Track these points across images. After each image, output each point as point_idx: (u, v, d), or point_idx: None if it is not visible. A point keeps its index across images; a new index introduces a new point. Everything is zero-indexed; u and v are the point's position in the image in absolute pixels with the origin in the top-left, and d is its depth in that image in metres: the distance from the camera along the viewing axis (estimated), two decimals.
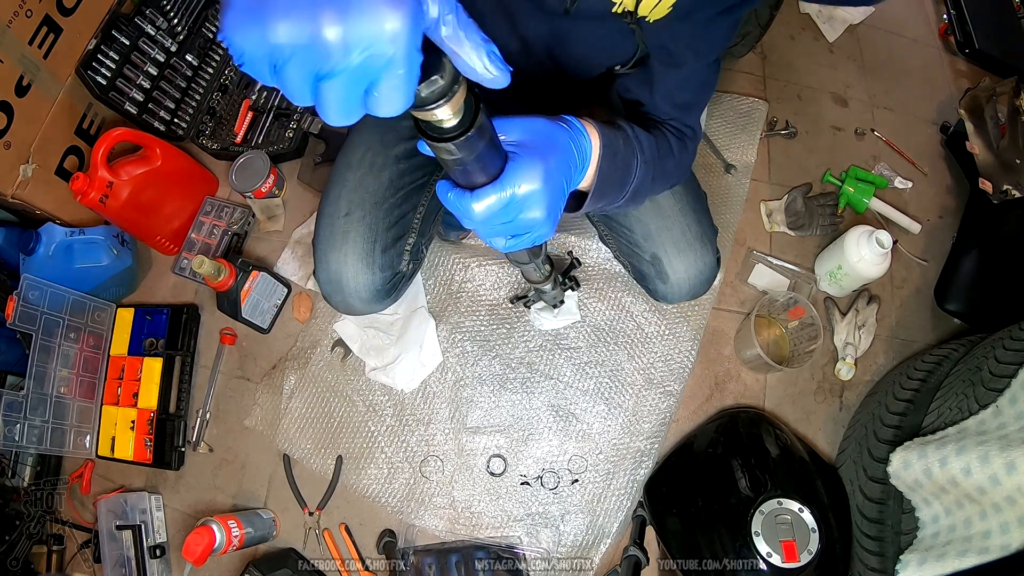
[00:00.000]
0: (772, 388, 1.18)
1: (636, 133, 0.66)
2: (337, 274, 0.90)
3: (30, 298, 1.09)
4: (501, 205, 0.46)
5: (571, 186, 0.56)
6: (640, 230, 0.94)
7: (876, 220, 1.31)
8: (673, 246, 0.92)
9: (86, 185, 1.08)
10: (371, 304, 0.94)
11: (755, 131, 1.37)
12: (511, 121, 0.51)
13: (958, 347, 1.04)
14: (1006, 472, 0.73)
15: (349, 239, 0.90)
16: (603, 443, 1.12)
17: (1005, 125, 1.27)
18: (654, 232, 0.92)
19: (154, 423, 1.17)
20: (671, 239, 0.92)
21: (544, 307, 1.13)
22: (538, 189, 0.47)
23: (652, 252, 0.94)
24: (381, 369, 1.15)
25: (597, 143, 0.59)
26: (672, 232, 0.92)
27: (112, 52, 1.21)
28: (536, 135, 0.51)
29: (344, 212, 0.90)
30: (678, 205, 0.92)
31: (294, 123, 1.34)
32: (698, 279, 0.95)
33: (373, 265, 0.90)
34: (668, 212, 0.92)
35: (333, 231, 0.91)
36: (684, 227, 0.92)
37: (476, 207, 0.45)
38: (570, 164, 0.54)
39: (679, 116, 0.75)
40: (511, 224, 0.49)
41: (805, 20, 1.56)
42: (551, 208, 0.50)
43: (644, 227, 0.93)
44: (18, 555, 1.09)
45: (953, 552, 0.77)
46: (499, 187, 0.45)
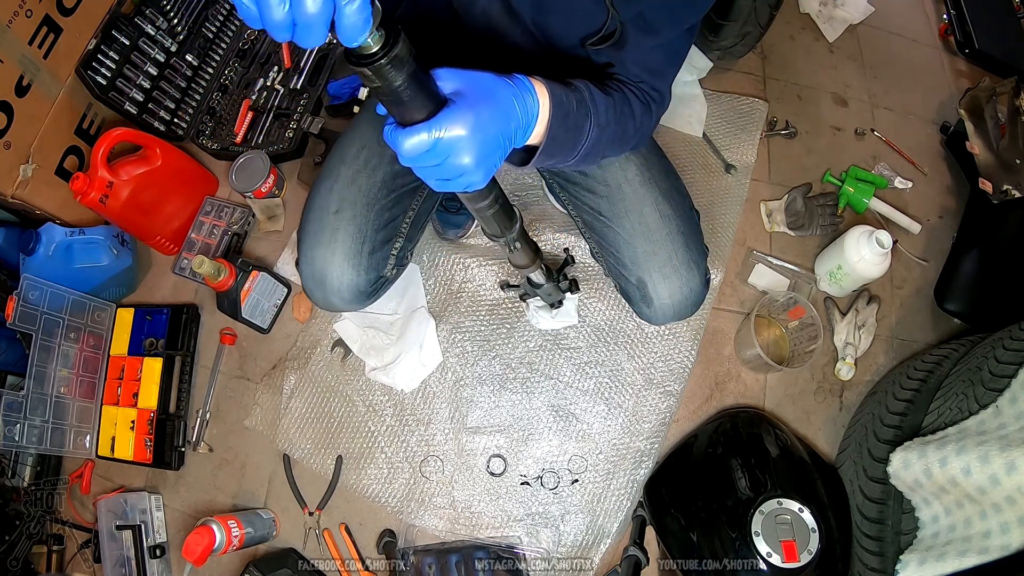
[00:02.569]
0: (772, 388, 1.18)
1: (593, 95, 0.66)
2: (322, 272, 0.90)
3: (30, 298, 1.09)
4: (428, 145, 0.49)
5: (513, 142, 0.57)
6: (628, 253, 0.93)
7: (876, 220, 1.31)
8: (659, 271, 0.92)
9: (86, 185, 1.07)
10: (352, 304, 0.94)
11: (755, 131, 1.37)
12: (454, 72, 0.53)
13: (958, 347, 1.04)
14: (1006, 472, 0.73)
15: (338, 238, 0.89)
16: (603, 443, 1.12)
17: (1005, 125, 1.27)
18: (640, 257, 0.92)
19: (154, 423, 1.17)
20: (657, 264, 0.92)
21: (543, 306, 1.13)
22: (466, 136, 0.50)
23: (638, 276, 0.93)
24: (381, 369, 1.15)
25: (547, 103, 0.60)
26: (659, 257, 0.91)
27: (112, 52, 1.21)
28: (476, 86, 0.53)
29: (335, 208, 0.90)
30: (666, 228, 0.91)
31: (294, 123, 1.34)
32: (683, 304, 0.94)
33: (360, 267, 0.90)
34: (656, 236, 0.91)
35: (322, 226, 0.90)
36: (671, 252, 0.91)
37: (405, 142, 0.49)
38: (509, 119, 0.55)
39: (649, 80, 0.75)
40: (440, 167, 0.52)
41: (805, 20, 1.56)
42: (482, 157, 0.52)
43: (631, 250, 0.92)
44: (18, 555, 1.09)
45: (953, 552, 0.77)
46: (426, 127, 0.49)
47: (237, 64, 1.44)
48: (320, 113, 1.38)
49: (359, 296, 0.93)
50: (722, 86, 1.43)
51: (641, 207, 0.91)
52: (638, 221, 0.91)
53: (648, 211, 0.91)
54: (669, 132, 1.35)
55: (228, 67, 1.44)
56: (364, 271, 0.91)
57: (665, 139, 1.35)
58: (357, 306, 0.96)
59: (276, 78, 1.41)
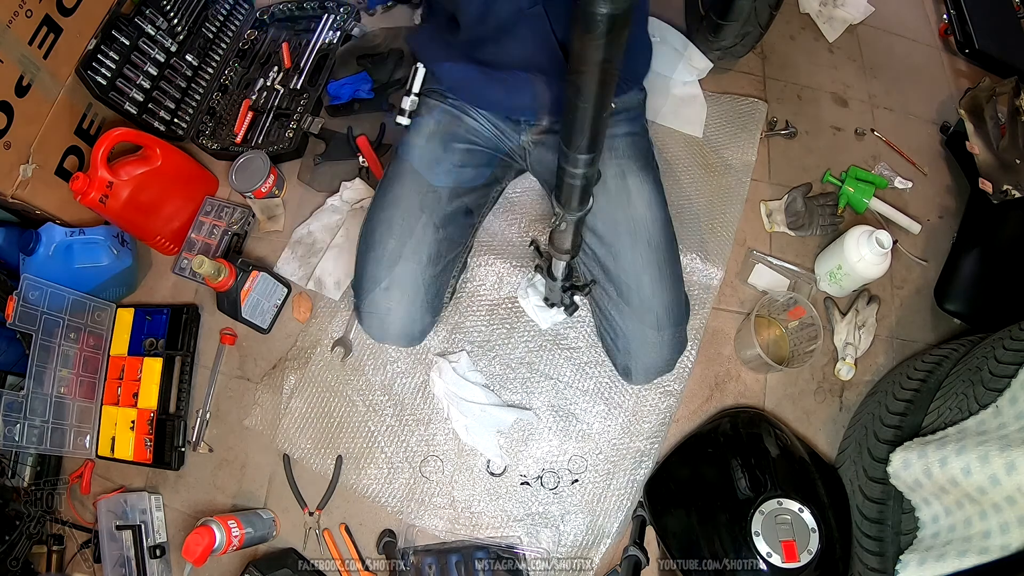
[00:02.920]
0: (772, 388, 1.18)
1: None
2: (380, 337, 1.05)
3: (30, 298, 1.09)
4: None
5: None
6: (622, 344, 1.01)
7: (876, 220, 1.31)
8: (643, 363, 1.01)
9: (86, 185, 1.08)
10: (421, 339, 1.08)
11: (755, 131, 1.37)
12: None
13: (958, 347, 1.04)
14: (1006, 472, 0.73)
15: (391, 316, 0.99)
16: (603, 443, 1.12)
17: (1005, 125, 1.27)
18: (634, 349, 1.00)
19: (154, 423, 1.17)
20: (647, 358, 1.00)
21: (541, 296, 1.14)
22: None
23: (624, 364, 1.03)
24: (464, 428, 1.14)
25: None
26: (651, 356, 1.00)
27: (112, 52, 1.21)
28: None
29: (385, 285, 0.98)
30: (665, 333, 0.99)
31: (294, 123, 1.34)
32: (657, 376, 1.05)
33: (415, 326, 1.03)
34: (651, 339, 0.99)
35: (374, 300, 1.00)
36: (660, 350, 1.00)
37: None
38: None
39: None
40: None
41: (805, 20, 1.56)
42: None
43: (626, 343, 1.01)
44: (18, 555, 1.09)
45: (953, 552, 0.77)
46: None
47: (237, 64, 1.44)
48: (320, 113, 1.38)
49: (425, 335, 1.07)
50: (722, 86, 1.43)
51: (645, 315, 0.99)
52: (639, 325, 1.00)
53: (649, 319, 0.98)
54: (669, 132, 1.35)
55: (228, 67, 1.44)
56: (424, 323, 1.03)
57: (665, 139, 1.35)
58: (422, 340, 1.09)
59: (276, 78, 1.41)
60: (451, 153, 1.04)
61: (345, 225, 1.27)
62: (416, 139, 1.04)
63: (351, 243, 1.26)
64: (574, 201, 0.70)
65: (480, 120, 1.08)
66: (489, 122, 1.08)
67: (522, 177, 1.27)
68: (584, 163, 0.63)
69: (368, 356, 1.19)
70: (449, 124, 1.05)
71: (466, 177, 1.05)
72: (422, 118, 1.06)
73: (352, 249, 1.24)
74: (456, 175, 1.04)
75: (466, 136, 1.06)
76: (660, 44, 1.43)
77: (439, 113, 1.06)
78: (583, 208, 0.73)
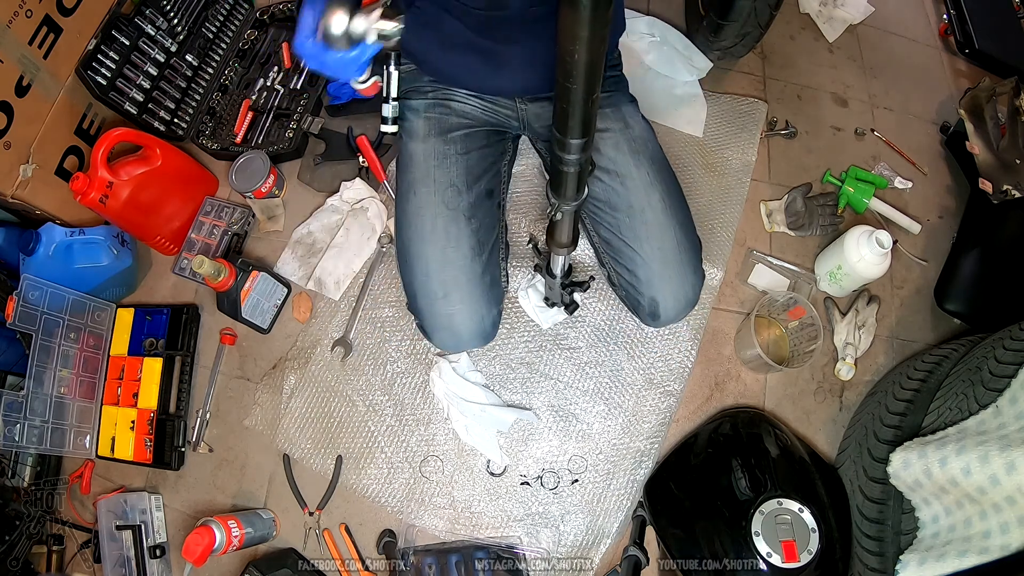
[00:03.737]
0: (772, 388, 1.18)
1: None
2: (455, 347, 1.04)
3: (30, 298, 1.09)
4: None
5: None
6: (644, 275, 1.00)
7: (876, 220, 1.31)
8: (672, 294, 0.99)
9: (86, 185, 1.08)
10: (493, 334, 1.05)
11: (755, 131, 1.37)
12: None
13: (958, 347, 1.04)
14: (1006, 472, 0.73)
15: (456, 321, 0.98)
16: (603, 443, 1.12)
17: (1005, 125, 1.27)
18: (656, 280, 0.99)
19: (154, 423, 1.17)
20: (671, 288, 0.99)
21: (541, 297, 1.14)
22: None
23: (651, 296, 1.00)
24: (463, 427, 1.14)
25: None
26: (673, 282, 1.00)
27: (112, 52, 1.21)
28: None
29: (442, 294, 0.97)
30: (681, 256, 0.98)
31: (294, 123, 1.34)
32: (683, 314, 1.03)
33: (484, 322, 1.00)
34: (672, 261, 0.98)
35: (434, 313, 0.99)
36: (683, 276, 0.99)
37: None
38: None
39: None
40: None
41: (805, 20, 1.56)
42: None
43: (648, 273, 1.00)
44: (18, 555, 1.09)
45: (953, 552, 0.77)
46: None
47: (237, 64, 1.44)
48: (320, 113, 1.38)
49: (496, 328, 1.04)
50: (722, 86, 1.43)
51: (662, 235, 0.98)
52: (658, 247, 0.98)
53: (668, 239, 0.98)
54: (669, 132, 1.35)
55: (228, 67, 1.44)
56: (491, 316, 1.01)
57: (665, 139, 1.35)
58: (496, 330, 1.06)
59: (276, 78, 1.41)
60: (452, 144, 1.03)
61: (345, 225, 1.27)
62: (414, 144, 1.03)
63: (351, 243, 1.26)
64: (569, 190, 0.70)
65: (467, 101, 1.06)
66: (477, 99, 1.07)
67: (519, 178, 1.27)
68: (577, 148, 0.63)
69: (368, 356, 1.19)
70: (439, 117, 1.04)
71: (474, 161, 1.04)
72: (410, 122, 1.05)
73: (352, 249, 1.25)
74: (465, 162, 1.03)
75: (459, 123, 1.05)
76: (660, 44, 1.43)
77: (426, 110, 1.05)
78: (579, 197, 0.72)
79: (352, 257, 1.25)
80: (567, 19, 0.48)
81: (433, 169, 1.01)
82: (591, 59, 0.51)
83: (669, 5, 1.51)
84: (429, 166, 1.01)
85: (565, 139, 0.62)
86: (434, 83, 1.06)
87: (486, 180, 1.05)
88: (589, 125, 0.60)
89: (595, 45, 0.50)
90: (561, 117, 0.59)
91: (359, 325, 1.21)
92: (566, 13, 0.47)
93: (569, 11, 0.47)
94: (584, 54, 0.50)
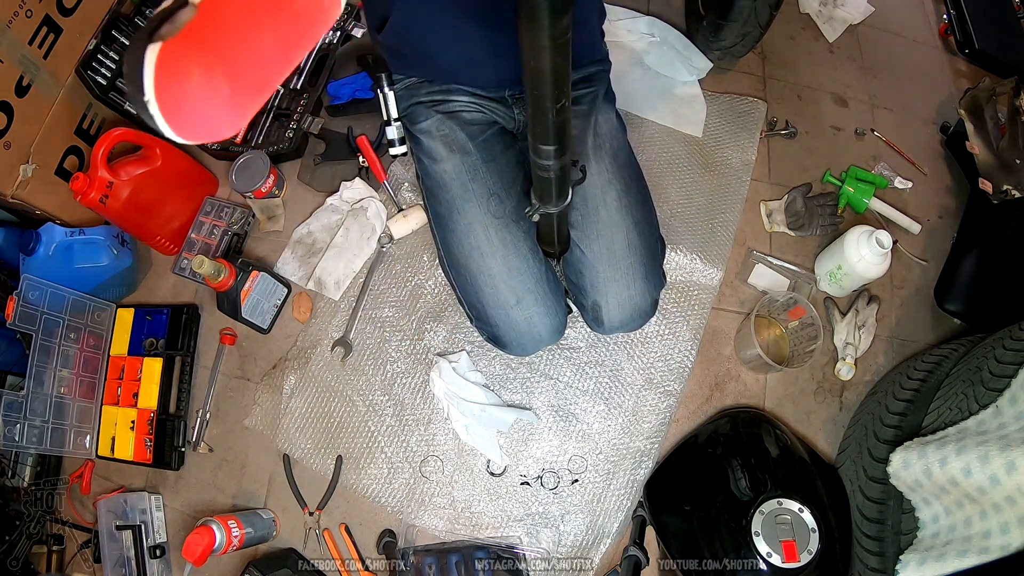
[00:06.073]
0: (772, 388, 1.18)
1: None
2: (534, 348, 1.01)
3: (30, 298, 1.09)
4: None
5: None
6: (589, 277, 0.97)
7: (876, 220, 1.31)
8: (615, 298, 0.97)
9: (86, 185, 1.07)
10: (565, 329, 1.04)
11: (755, 131, 1.37)
12: None
13: (958, 347, 1.04)
14: (1006, 472, 0.73)
15: (535, 323, 0.97)
16: (603, 443, 1.12)
17: (1005, 125, 1.27)
18: (601, 283, 0.97)
19: (154, 423, 1.17)
20: (614, 291, 0.97)
21: None
22: None
23: (594, 300, 0.98)
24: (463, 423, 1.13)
25: None
26: (618, 285, 0.96)
27: (112, 52, 1.21)
28: None
29: (515, 301, 0.96)
30: (631, 258, 0.95)
31: (294, 123, 1.34)
32: (630, 325, 1.01)
33: (559, 316, 0.99)
34: (620, 264, 0.95)
35: (512, 321, 0.97)
36: (630, 281, 0.97)
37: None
38: None
39: None
40: None
41: (805, 20, 1.56)
42: None
43: (593, 274, 0.97)
44: (18, 555, 1.09)
45: (953, 552, 0.77)
46: None
47: None
48: (320, 113, 1.38)
49: (566, 322, 1.03)
50: (722, 86, 1.43)
51: (612, 233, 0.95)
52: (606, 247, 0.95)
53: (618, 238, 0.95)
54: (669, 132, 1.35)
55: None
56: (563, 309, 1.00)
57: (665, 139, 1.35)
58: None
59: None
60: (476, 154, 1.01)
61: (345, 225, 1.27)
62: (440, 165, 1.01)
63: (351, 243, 1.26)
64: (549, 194, 0.70)
65: (469, 107, 1.04)
66: (477, 102, 1.04)
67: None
68: (550, 154, 0.62)
69: (368, 356, 1.19)
70: (452, 132, 1.02)
71: (503, 165, 1.02)
72: (426, 145, 1.03)
73: (352, 249, 1.25)
74: (496, 168, 1.00)
75: (472, 131, 1.03)
76: (660, 44, 1.43)
77: (437, 129, 1.02)
78: (560, 202, 0.72)
79: (352, 257, 1.25)
80: (526, 31, 0.47)
81: (469, 183, 0.98)
82: (555, 67, 0.51)
83: (669, 5, 1.51)
84: (464, 181, 0.99)
85: (537, 145, 0.62)
86: (431, 94, 1.04)
87: (521, 180, 1.03)
88: (562, 131, 0.60)
89: (557, 54, 0.49)
90: (532, 123, 0.59)
91: (359, 325, 1.21)
92: (524, 25, 0.47)
93: (527, 23, 0.46)
94: (548, 63, 0.50)
